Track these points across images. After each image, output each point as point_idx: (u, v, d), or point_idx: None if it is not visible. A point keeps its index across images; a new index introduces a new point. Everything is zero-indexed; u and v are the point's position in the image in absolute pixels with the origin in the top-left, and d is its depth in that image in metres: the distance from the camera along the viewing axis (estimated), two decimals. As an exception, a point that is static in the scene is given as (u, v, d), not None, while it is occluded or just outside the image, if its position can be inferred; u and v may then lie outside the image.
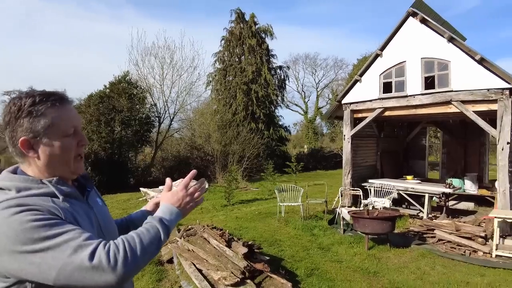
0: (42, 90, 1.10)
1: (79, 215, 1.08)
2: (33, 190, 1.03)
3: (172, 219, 1.14)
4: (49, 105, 1.06)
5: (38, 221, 0.92)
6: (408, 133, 11.91)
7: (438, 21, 7.98)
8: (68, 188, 1.11)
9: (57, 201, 1.04)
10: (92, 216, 1.16)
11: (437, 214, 8.35)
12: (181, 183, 1.26)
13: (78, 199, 1.14)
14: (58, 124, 1.07)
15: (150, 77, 16.83)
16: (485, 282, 4.69)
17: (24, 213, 0.93)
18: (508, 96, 6.39)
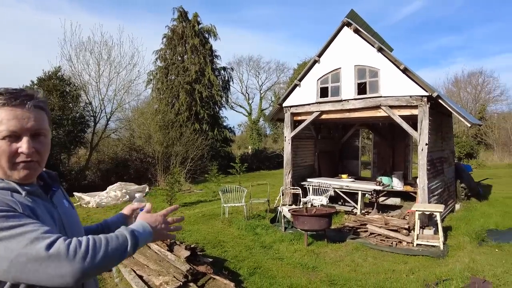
0: (5, 88, 1.08)
1: (41, 212, 1.06)
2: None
3: (144, 235, 1.13)
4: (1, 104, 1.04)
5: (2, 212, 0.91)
6: (343, 135, 12.72)
7: (369, 32, 8.66)
8: (32, 187, 1.10)
9: (18, 196, 1.02)
10: (56, 216, 1.13)
11: (369, 210, 9.03)
12: (164, 210, 1.30)
13: (41, 198, 1.12)
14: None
15: (85, 73, 15.68)
16: (407, 268, 5.24)
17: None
18: (426, 103, 7.18)
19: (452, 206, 9.42)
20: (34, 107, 1.08)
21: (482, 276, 4.65)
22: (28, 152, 1.06)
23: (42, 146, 1.10)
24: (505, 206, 9.45)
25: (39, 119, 1.10)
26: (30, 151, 1.06)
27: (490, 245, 6.11)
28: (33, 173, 1.11)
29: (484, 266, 5.02)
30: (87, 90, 15.88)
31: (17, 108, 1.05)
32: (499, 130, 28.10)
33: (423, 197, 7.31)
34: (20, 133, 1.05)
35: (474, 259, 5.40)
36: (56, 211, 1.15)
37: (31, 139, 1.07)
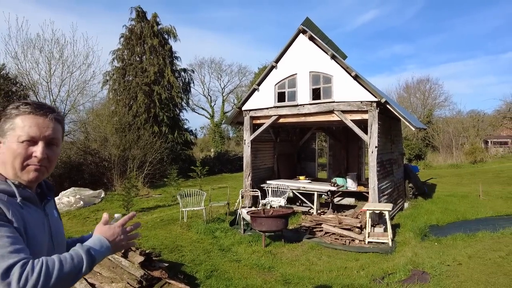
0: (33, 101, 1.25)
1: (32, 219, 1.13)
2: None
3: (101, 251, 1.14)
4: (20, 111, 1.17)
5: None
6: (301, 138, 13.11)
7: (324, 39, 9.05)
8: (28, 192, 1.18)
9: (11, 200, 1.09)
10: (46, 224, 1.21)
11: (325, 210, 9.39)
12: (120, 220, 1.29)
13: (35, 205, 1.20)
14: (16, 129, 1.16)
15: (34, 73, 14.76)
16: (358, 265, 5.54)
17: None
18: (375, 108, 7.65)
19: (401, 205, 10.06)
20: (54, 119, 1.23)
21: (421, 268, 5.06)
22: (41, 157, 1.18)
23: (53, 154, 1.22)
24: (446, 203, 10.28)
25: (56, 130, 1.23)
26: (43, 156, 1.18)
27: (431, 240, 6.63)
28: (40, 177, 1.21)
29: (425, 259, 5.45)
30: (37, 91, 14.96)
31: (40, 117, 1.19)
32: (443, 133, 30.39)
33: (373, 197, 7.75)
34: (38, 140, 1.18)
35: (416, 253, 5.84)
36: (47, 219, 1.23)
37: (45, 146, 1.19)
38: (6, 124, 1.17)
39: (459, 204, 10.14)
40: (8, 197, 1.09)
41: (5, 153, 1.17)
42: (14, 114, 1.17)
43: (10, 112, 1.18)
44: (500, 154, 30.77)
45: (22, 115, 1.17)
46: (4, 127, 1.17)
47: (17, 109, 1.18)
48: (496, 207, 9.57)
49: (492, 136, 36.63)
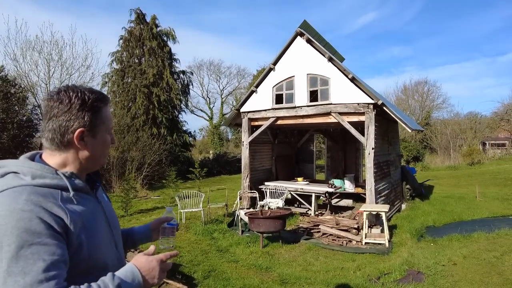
0: (94, 89, 1.20)
1: (88, 211, 1.12)
2: (46, 179, 1.04)
3: (131, 287, 1.05)
4: (105, 104, 1.18)
5: (27, 233, 0.92)
6: (299, 140, 13.18)
7: (321, 42, 9.13)
8: (81, 183, 1.14)
9: (67, 197, 1.06)
10: (101, 211, 1.20)
11: (323, 211, 9.44)
12: (162, 255, 1.18)
13: (88, 194, 1.17)
14: (106, 122, 1.19)
15: (33, 74, 14.83)
16: (355, 265, 5.60)
17: (25, 213, 0.94)
18: (372, 110, 7.72)
19: (398, 206, 10.12)
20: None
21: (417, 268, 5.12)
22: (115, 143, 1.27)
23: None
24: (443, 204, 10.35)
25: None
26: (115, 142, 1.28)
27: (427, 240, 6.70)
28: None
29: (420, 259, 5.51)
30: (36, 92, 15.02)
31: (108, 107, 1.22)
32: (441, 135, 30.52)
33: (370, 198, 7.81)
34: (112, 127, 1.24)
35: (412, 253, 5.90)
36: (101, 206, 1.22)
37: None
38: (96, 118, 1.14)
39: (456, 205, 10.21)
40: (61, 192, 1.06)
41: (98, 146, 1.17)
42: (100, 106, 1.16)
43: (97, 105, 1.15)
44: (498, 156, 30.90)
45: (105, 107, 1.19)
46: (95, 121, 1.14)
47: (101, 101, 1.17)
48: (492, 208, 9.65)
49: (490, 138, 36.80)
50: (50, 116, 1.10)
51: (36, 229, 0.94)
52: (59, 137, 1.10)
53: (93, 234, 1.10)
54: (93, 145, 1.15)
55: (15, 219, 0.92)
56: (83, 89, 1.15)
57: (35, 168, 1.06)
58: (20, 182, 1.02)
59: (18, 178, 1.03)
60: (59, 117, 1.09)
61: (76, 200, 1.08)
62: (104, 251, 1.14)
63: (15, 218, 0.93)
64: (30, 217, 0.94)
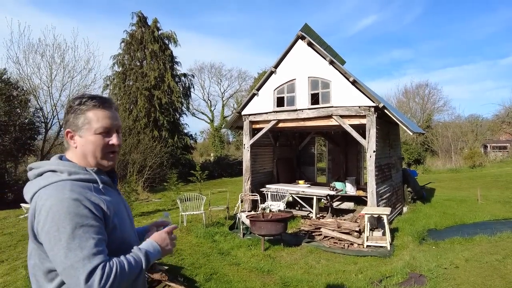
0: (93, 94, 1.37)
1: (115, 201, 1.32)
2: (80, 175, 1.25)
3: (154, 255, 1.33)
4: (90, 106, 1.30)
5: (77, 217, 1.14)
6: (300, 142, 13.18)
7: (322, 45, 9.16)
8: (106, 177, 1.35)
9: (97, 189, 1.27)
10: (121, 202, 1.41)
11: (324, 214, 9.43)
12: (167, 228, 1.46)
13: (112, 188, 1.38)
14: (91, 123, 1.29)
15: (35, 77, 14.87)
16: (356, 268, 5.59)
17: (73, 201, 1.15)
18: (373, 113, 7.73)
19: (400, 209, 10.10)
20: (116, 110, 1.39)
21: (419, 271, 5.11)
22: (118, 143, 1.36)
23: (121, 140, 1.41)
24: (444, 207, 10.33)
25: (119, 119, 1.40)
26: (119, 143, 1.37)
27: (428, 243, 6.68)
28: (116, 162, 1.40)
29: (422, 262, 5.49)
30: (38, 95, 15.08)
31: (107, 110, 1.33)
32: (442, 138, 30.47)
33: (372, 201, 7.80)
34: (110, 129, 1.33)
35: (414, 256, 5.89)
36: (121, 198, 1.42)
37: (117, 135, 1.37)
38: (79, 119, 1.29)
39: (458, 208, 10.19)
40: (93, 185, 1.26)
41: (84, 145, 1.30)
42: (84, 109, 1.29)
43: (79, 108, 1.29)
44: (499, 158, 30.80)
45: (93, 110, 1.30)
46: (78, 122, 1.29)
47: (84, 104, 1.29)
48: (494, 211, 9.63)
49: (491, 140, 36.71)
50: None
51: (84, 213, 1.15)
52: (64, 138, 1.34)
53: (122, 219, 1.31)
54: (80, 143, 1.30)
55: (65, 206, 1.13)
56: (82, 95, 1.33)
57: (70, 166, 1.26)
58: (60, 178, 1.22)
59: (57, 175, 1.23)
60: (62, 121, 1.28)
61: (105, 191, 1.29)
62: (130, 235, 1.36)
63: (66, 206, 1.13)
64: (77, 204, 1.15)
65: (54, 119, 15.55)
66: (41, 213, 1.13)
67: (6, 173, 14.23)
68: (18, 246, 6.91)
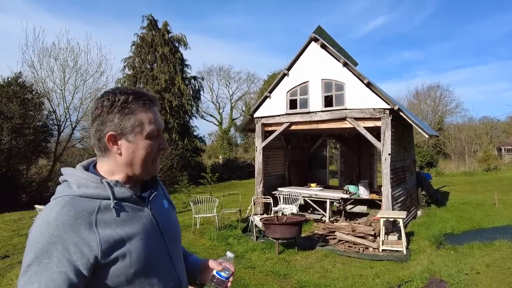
0: (135, 89, 1.12)
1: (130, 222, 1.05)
2: (89, 188, 1.02)
3: None
4: (140, 105, 1.08)
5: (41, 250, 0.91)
6: (312, 145, 13.09)
7: (335, 47, 9.10)
8: (126, 192, 1.07)
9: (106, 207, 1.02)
10: (150, 221, 1.11)
11: (337, 218, 9.33)
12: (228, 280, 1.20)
13: (135, 203, 1.10)
14: (145, 125, 1.08)
15: (49, 80, 15.10)
16: (373, 272, 5.50)
17: (51, 228, 0.92)
18: (388, 115, 7.63)
19: (414, 213, 9.95)
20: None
21: (439, 277, 5.00)
22: (166, 147, 1.17)
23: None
24: (460, 211, 10.13)
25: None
26: (166, 146, 1.17)
27: (446, 248, 6.55)
28: (158, 167, 1.18)
29: (441, 267, 5.38)
30: (51, 98, 15.30)
31: (155, 109, 1.13)
32: (455, 140, 30.00)
33: (387, 205, 7.69)
34: (160, 131, 1.13)
35: (432, 261, 5.77)
36: (150, 216, 1.12)
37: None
38: (129, 121, 1.06)
39: (474, 212, 9.99)
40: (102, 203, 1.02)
41: (134, 151, 1.08)
42: (134, 108, 1.07)
43: (127, 107, 1.06)
44: (514, 161, 30.18)
45: (143, 109, 1.09)
46: (127, 124, 1.06)
47: (133, 102, 1.07)
48: (512, 215, 9.40)
49: (506, 143, 35.99)
50: (92, 121, 1.09)
51: (50, 248, 0.91)
52: (98, 143, 1.08)
53: (139, 248, 1.03)
54: (128, 149, 1.08)
55: (39, 233, 0.93)
56: (118, 91, 1.09)
57: (81, 177, 1.05)
58: (67, 192, 1.02)
59: (68, 187, 1.04)
60: (95, 121, 1.07)
61: (116, 210, 1.03)
62: (151, 263, 1.06)
63: (39, 232, 0.93)
64: (51, 234, 0.92)
65: (67, 122, 15.78)
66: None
67: (20, 174, 14.45)
68: (34, 248, 6.97)
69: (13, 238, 7.79)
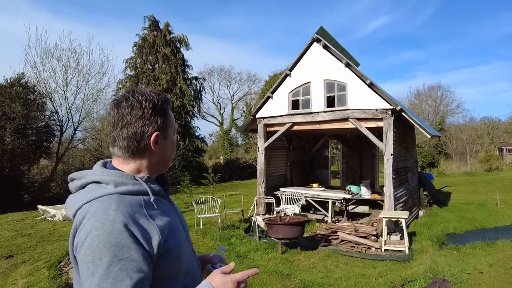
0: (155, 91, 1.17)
1: (168, 215, 1.09)
2: (128, 186, 1.03)
3: None
4: (170, 105, 1.18)
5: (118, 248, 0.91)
6: (314, 145, 13.11)
7: (338, 47, 9.12)
8: (157, 187, 1.12)
9: (148, 202, 1.05)
10: (176, 214, 1.18)
11: (340, 218, 9.35)
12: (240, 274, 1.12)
13: (164, 198, 1.15)
14: (173, 123, 1.17)
15: (51, 81, 15.13)
16: (376, 272, 5.51)
17: (116, 225, 0.92)
18: (391, 116, 7.65)
19: (416, 213, 9.96)
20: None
21: (442, 276, 5.01)
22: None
23: None
24: (462, 211, 10.14)
25: None
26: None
27: (449, 248, 6.56)
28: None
29: (444, 267, 5.39)
30: (53, 99, 15.34)
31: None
32: (457, 140, 29.98)
33: (389, 205, 7.71)
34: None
35: (435, 261, 5.78)
36: (175, 209, 1.20)
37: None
38: (166, 120, 1.13)
39: (476, 212, 10.00)
40: (143, 198, 1.04)
41: (168, 148, 1.15)
42: (168, 108, 1.16)
43: (166, 107, 1.14)
44: (516, 162, 30.15)
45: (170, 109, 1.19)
46: (166, 123, 1.13)
47: (166, 103, 1.15)
48: (514, 215, 9.40)
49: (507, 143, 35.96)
50: (123, 124, 1.07)
51: (126, 242, 0.92)
52: (136, 144, 1.08)
53: (178, 239, 1.08)
54: (165, 147, 1.14)
55: (107, 232, 0.91)
56: (148, 92, 1.13)
57: (116, 176, 1.04)
58: (105, 191, 1.01)
59: (102, 188, 1.03)
60: (134, 123, 1.07)
61: (156, 205, 1.06)
62: (187, 255, 1.12)
63: (107, 231, 0.91)
64: (120, 230, 0.92)
65: (69, 122, 15.81)
66: (80, 235, 0.94)
67: (23, 175, 14.49)
68: (38, 247, 7.00)
69: (17, 238, 7.82)
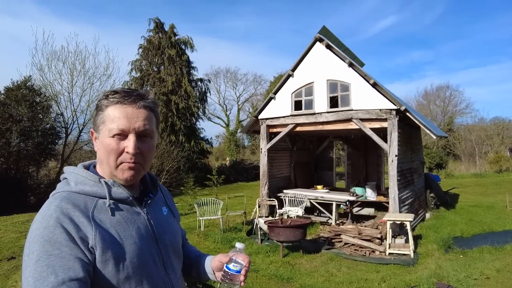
0: (125, 88, 1.10)
1: (124, 223, 1.03)
2: (86, 186, 1.02)
3: None
4: (109, 101, 1.04)
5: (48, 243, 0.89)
6: (318, 147, 12.98)
7: (341, 47, 9.00)
8: (122, 193, 1.05)
9: (102, 206, 1.01)
10: (143, 225, 1.07)
11: (344, 220, 9.21)
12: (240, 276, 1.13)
13: (131, 205, 1.08)
14: (106, 122, 1.03)
15: (56, 84, 15.26)
16: (379, 277, 5.37)
17: (51, 220, 0.91)
18: (395, 116, 7.50)
19: (422, 215, 9.76)
20: (144, 107, 1.06)
21: (446, 281, 4.85)
22: (133, 152, 1.02)
23: (146, 148, 1.07)
24: (470, 214, 9.90)
25: (147, 119, 1.06)
26: (135, 151, 1.02)
27: (455, 252, 6.38)
28: (137, 176, 1.07)
29: (449, 272, 5.23)
30: (59, 101, 15.46)
31: (128, 106, 1.04)
32: (465, 141, 29.49)
33: (394, 207, 7.55)
34: (128, 133, 1.03)
35: (440, 265, 5.62)
36: (146, 220, 1.09)
37: (137, 140, 1.04)
38: (98, 117, 1.05)
39: (485, 215, 9.76)
40: (98, 200, 1.01)
41: (100, 149, 1.05)
42: (104, 105, 1.04)
43: (100, 104, 1.05)
44: (527, 163, 29.51)
45: (112, 106, 1.03)
46: (97, 120, 1.05)
47: (106, 99, 1.04)
48: (524, 218, 9.15)
49: (517, 144, 35.28)
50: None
51: (58, 238, 0.89)
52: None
53: (132, 253, 1.00)
54: (98, 146, 1.07)
55: (42, 226, 0.90)
56: (115, 89, 1.08)
57: (80, 175, 1.05)
58: (64, 188, 1.02)
59: (66, 184, 1.04)
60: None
61: (112, 210, 1.02)
62: (144, 270, 1.02)
63: (43, 225, 0.90)
64: (54, 225, 0.90)
65: (74, 124, 15.93)
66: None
67: (29, 177, 14.62)
68: (40, 249, 7.01)
69: (20, 240, 7.84)
